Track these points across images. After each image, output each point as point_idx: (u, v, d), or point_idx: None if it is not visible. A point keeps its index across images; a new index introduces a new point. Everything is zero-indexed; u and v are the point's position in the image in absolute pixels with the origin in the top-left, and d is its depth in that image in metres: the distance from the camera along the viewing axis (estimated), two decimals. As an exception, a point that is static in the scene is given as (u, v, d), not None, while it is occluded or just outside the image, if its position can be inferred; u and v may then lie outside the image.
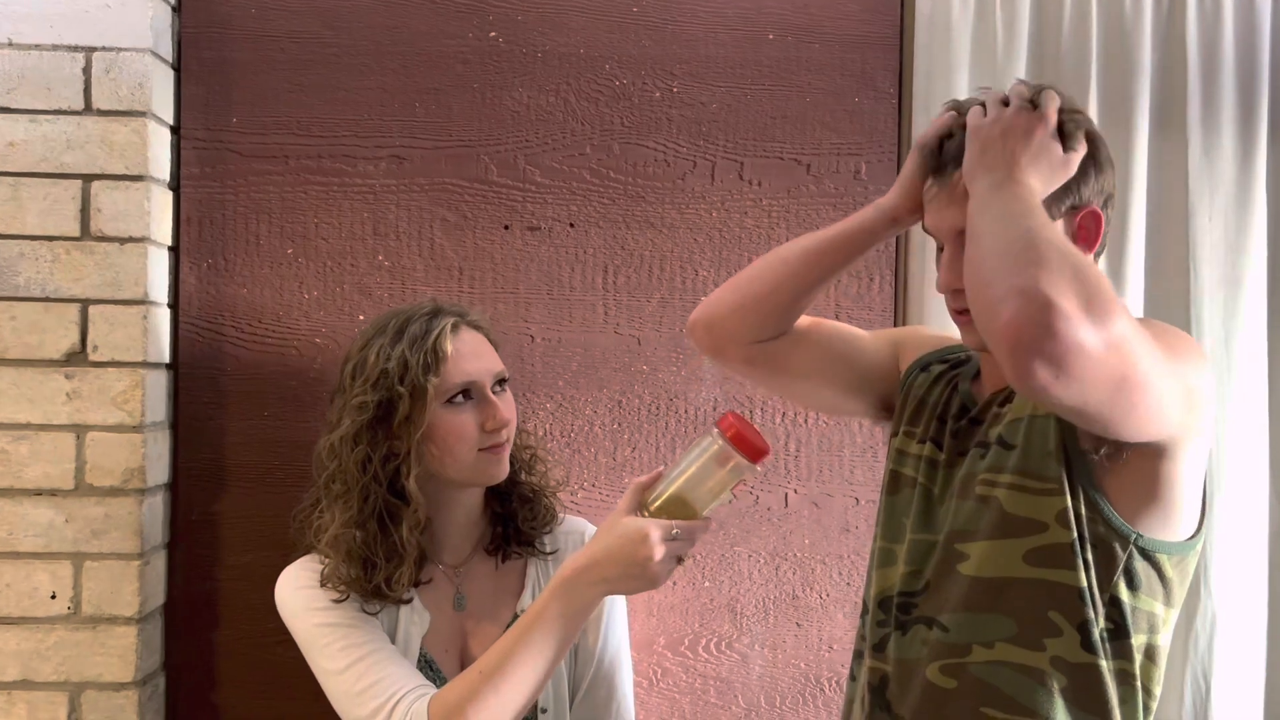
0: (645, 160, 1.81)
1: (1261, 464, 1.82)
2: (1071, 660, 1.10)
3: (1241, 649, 1.81)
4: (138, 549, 1.65)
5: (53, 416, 1.64)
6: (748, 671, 1.82)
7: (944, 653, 1.14)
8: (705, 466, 1.20)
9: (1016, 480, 1.12)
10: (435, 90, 1.79)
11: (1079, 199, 1.14)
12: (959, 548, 1.15)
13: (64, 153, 1.64)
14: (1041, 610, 1.10)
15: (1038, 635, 1.10)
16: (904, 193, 1.22)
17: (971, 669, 1.12)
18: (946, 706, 1.14)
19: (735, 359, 1.37)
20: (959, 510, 1.16)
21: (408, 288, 1.78)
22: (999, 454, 1.14)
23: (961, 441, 1.22)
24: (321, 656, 1.33)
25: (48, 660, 1.64)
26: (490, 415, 1.38)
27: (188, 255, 1.77)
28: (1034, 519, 1.10)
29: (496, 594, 1.45)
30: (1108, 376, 0.94)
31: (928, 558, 1.18)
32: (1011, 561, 1.11)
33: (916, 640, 1.17)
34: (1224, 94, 1.81)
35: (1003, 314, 0.93)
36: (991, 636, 1.12)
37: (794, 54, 1.81)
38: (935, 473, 1.22)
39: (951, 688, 1.13)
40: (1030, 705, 1.10)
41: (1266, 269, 1.83)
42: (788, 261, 1.30)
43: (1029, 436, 1.12)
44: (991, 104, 1.12)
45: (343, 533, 1.36)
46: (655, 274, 1.81)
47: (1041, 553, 1.10)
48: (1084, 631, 1.09)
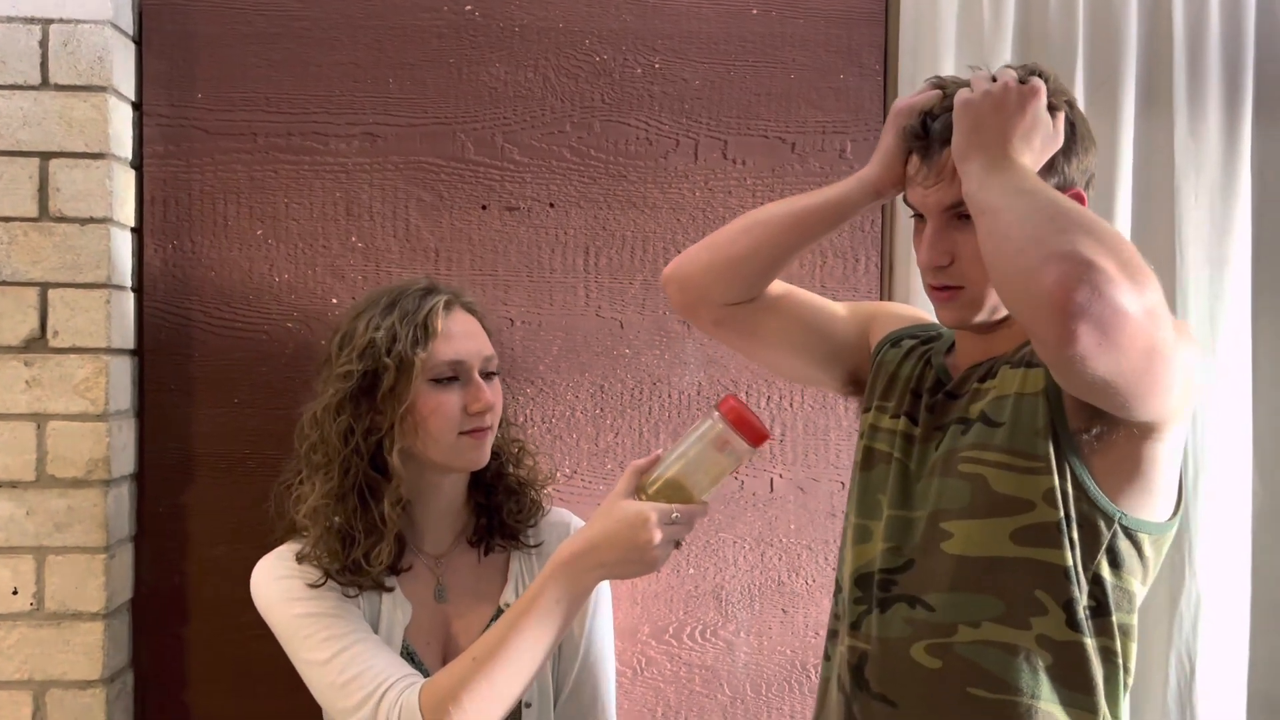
0: (627, 138, 1.76)
1: (1245, 444, 1.82)
2: (1057, 638, 1.10)
3: (1225, 630, 1.81)
4: (103, 542, 1.59)
5: (11, 405, 1.58)
6: (733, 659, 1.79)
7: (929, 632, 1.14)
8: (704, 450, 1.18)
9: (1004, 459, 1.11)
10: (409, 65, 1.73)
11: (1064, 179, 1.14)
12: (944, 526, 1.14)
13: (20, 129, 1.58)
14: (1028, 589, 1.10)
15: (1024, 614, 1.10)
16: (885, 165, 1.21)
17: (958, 649, 1.12)
18: (932, 686, 1.13)
19: (705, 319, 1.37)
20: (942, 488, 1.15)
21: (382, 270, 1.73)
22: (984, 431, 1.13)
23: (938, 416, 1.21)
24: (303, 648, 1.29)
25: (10, 659, 1.59)
26: (475, 397, 1.35)
27: (152, 237, 1.70)
28: (1021, 497, 1.10)
29: (479, 586, 1.43)
30: (1143, 346, 0.95)
31: (908, 535, 1.17)
32: (999, 540, 1.11)
33: (898, 619, 1.16)
34: (1209, 74, 1.80)
35: (1046, 279, 0.92)
36: (978, 616, 1.11)
37: (778, 29, 1.77)
38: (911, 448, 1.21)
39: (937, 668, 1.13)
40: (1016, 684, 1.10)
41: (1251, 248, 1.82)
42: (767, 226, 1.29)
43: (1017, 414, 1.11)
44: (979, 81, 1.11)
45: (322, 504, 1.33)
46: (638, 255, 1.77)
47: (1029, 531, 1.10)
48: (1069, 610, 1.10)
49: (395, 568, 1.36)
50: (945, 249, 1.14)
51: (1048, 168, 1.12)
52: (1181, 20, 1.79)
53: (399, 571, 1.37)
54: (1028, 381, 1.12)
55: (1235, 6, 1.80)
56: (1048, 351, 0.97)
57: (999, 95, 1.08)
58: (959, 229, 1.13)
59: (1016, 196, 1.01)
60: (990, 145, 1.06)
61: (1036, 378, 1.11)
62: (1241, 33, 1.80)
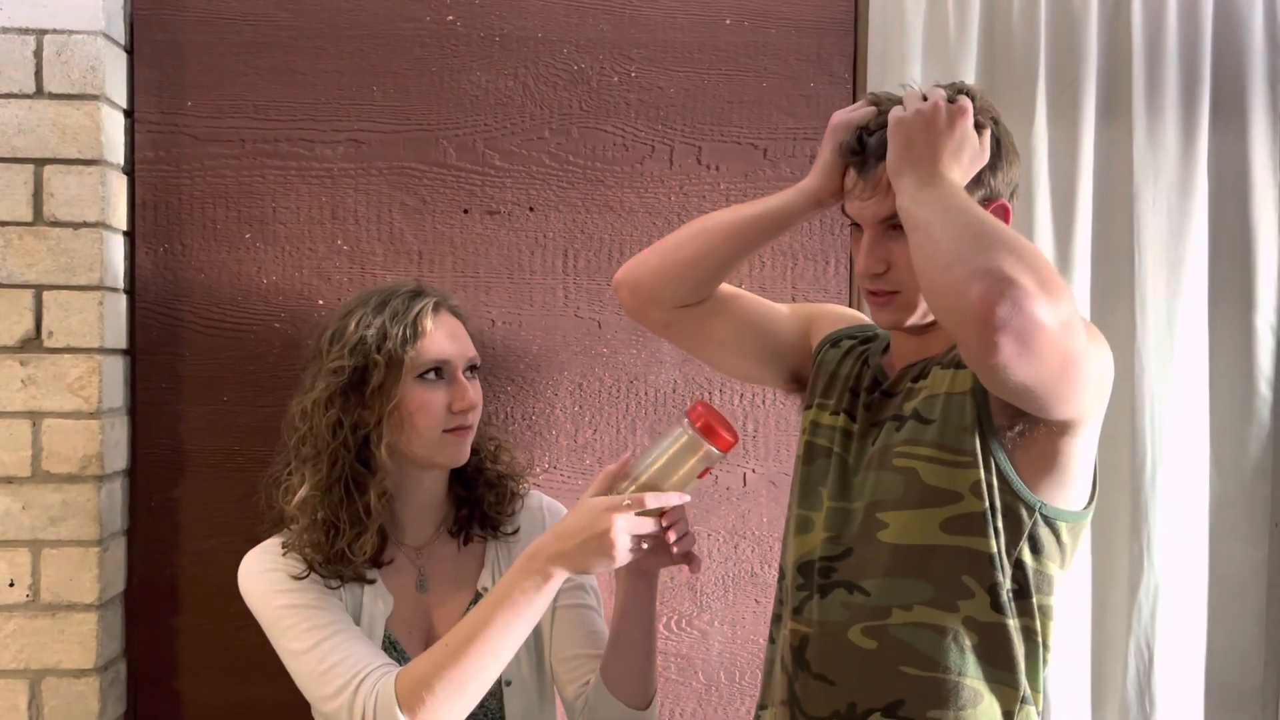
0: (604, 144, 1.82)
1: (1202, 438, 1.88)
2: (982, 620, 1.17)
3: (1183, 620, 1.87)
4: (97, 536, 1.64)
5: (7, 404, 1.63)
6: (708, 648, 1.85)
7: (865, 615, 1.20)
8: (675, 456, 1.24)
9: (934, 453, 1.18)
10: (393, 73, 1.78)
11: (990, 191, 1.21)
12: (879, 516, 1.21)
13: (15, 136, 1.63)
14: (956, 575, 1.17)
15: (952, 598, 1.17)
16: (824, 177, 1.26)
17: (891, 630, 1.19)
18: (868, 666, 1.20)
19: (655, 321, 1.42)
20: (878, 480, 1.22)
21: (367, 272, 1.78)
22: (916, 427, 1.20)
23: (875, 413, 1.27)
24: (285, 638, 1.34)
25: (6, 648, 1.63)
26: (459, 396, 1.40)
27: (144, 240, 1.75)
28: (950, 489, 1.17)
29: (458, 575, 1.47)
30: (1059, 355, 1.02)
31: (847, 525, 1.24)
32: (930, 530, 1.18)
33: (836, 603, 1.23)
34: (1167, 82, 1.85)
35: (971, 293, 0.99)
36: (910, 600, 1.18)
37: (751, 39, 1.83)
38: (850, 443, 1.28)
39: (872, 648, 1.20)
40: (945, 662, 1.17)
41: (1207, 251, 1.88)
42: (713, 233, 1.34)
43: (946, 412, 1.18)
44: (911, 99, 1.17)
45: (310, 495, 1.38)
46: (615, 257, 1.82)
47: (957, 521, 1.17)
48: (993, 593, 1.17)
49: (377, 561, 1.41)
50: (881, 257, 1.20)
51: (975, 181, 1.18)
52: (1140, 30, 1.84)
53: (381, 564, 1.42)
54: (956, 382, 1.19)
55: (1192, 17, 1.85)
56: (973, 359, 1.03)
57: (929, 114, 1.14)
58: (894, 239, 1.19)
59: (944, 213, 1.07)
60: (922, 161, 1.12)
61: (964, 378, 1.18)
62: (1199, 42, 1.85)
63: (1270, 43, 1.87)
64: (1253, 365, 1.89)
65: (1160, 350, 1.86)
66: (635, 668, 1.40)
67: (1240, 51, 1.87)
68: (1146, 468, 1.85)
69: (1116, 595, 1.88)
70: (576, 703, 1.44)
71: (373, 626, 1.40)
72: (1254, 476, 1.90)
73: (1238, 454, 1.91)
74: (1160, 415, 1.86)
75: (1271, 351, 1.89)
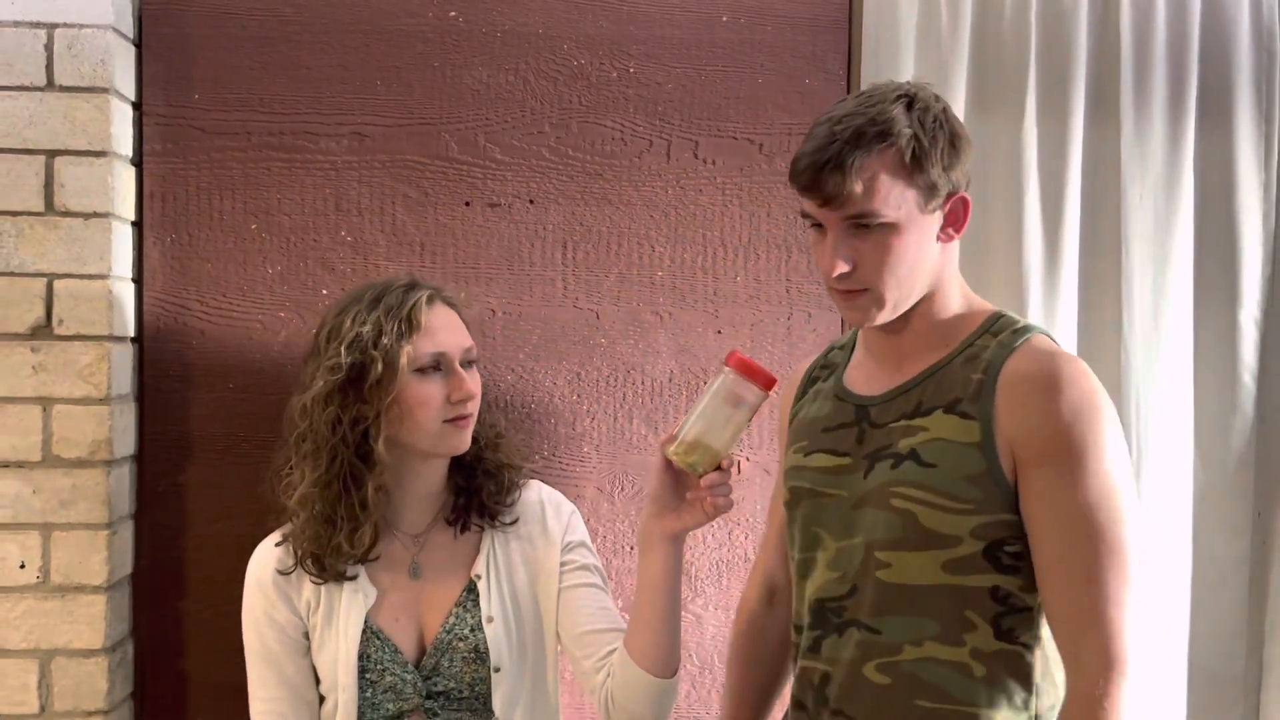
0: (603, 139, 1.86)
1: (1187, 429, 1.92)
2: (988, 650, 1.20)
3: (1167, 606, 1.91)
4: (105, 519, 1.68)
5: (19, 389, 1.66)
6: (702, 632, 1.89)
7: (878, 653, 1.23)
8: (720, 406, 1.29)
9: (933, 498, 1.20)
10: (396, 68, 1.82)
11: (951, 186, 1.22)
12: (879, 555, 1.23)
13: (26, 128, 1.66)
14: (959, 610, 1.20)
15: (958, 632, 1.20)
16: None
17: (904, 665, 1.22)
18: (884, 700, 1.23)
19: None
20: (875, 519, 1.23)
21: (370, 263, 1.82)
22: (915, 470, 1.21)
23: (865, 446, 1.27)
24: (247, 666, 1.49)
25: (17, 629, 1.67)
26: (456, 387, 1.42)
27: (151, 230, 1.79)
28: (951, 534, 1.19)
29: (452, 562, 1.50)
30: None
31: (850, 562, 1.26)
32: (930, 570, 1.21)
33: (851, 642, 1.26)
34: (1155, 80, 1.90)
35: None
36: (919, 636, 1.21)
37: (747, 36, 1.87)
38: (839, 478, 1.29)
39: (887, 684, 1.23)
40: (957, 694, 1.20)
41: (1193, 246, 1.92)
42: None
43: (948, 460, 1.20)
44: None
45: (310, 491, 1.41)
46: (613, 250, 1.86)
47: (957, 562, 1.20)
48: (996, 625, 1.20)
49: (365, 558, 1.44)
50: (847, 256, 1.20)
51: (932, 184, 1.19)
52: (1129, 31, 1.89)
53: (368, 561, 1.45)
54: (964, 431, 1.20)
55: (1180, 19, 1.90)
56: None
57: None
58: (858, 236, 1.20)
59: None
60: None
61: (972, 430, 1.19)
62: (1187, 43, 1.90)
63: (1256, 44, 1.92)
64: (1236, 358, 1.94)
65: (1146, 343, 1.91)
66: (662, 636, 1.40)
67: (1227, 53, 1.91)
68: (1132, 457, 1.89)
69: (1101, 582, 1.91)
70: (598, 677, 1.45)
71: (348, 621, 1.43)
72: (1237, 467, 1.95)
73: (1221, 445, 1.95)
74: (1146, 406, 1.91)
75: (1255, 345, 1.94)
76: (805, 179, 1.21)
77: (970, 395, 1.21)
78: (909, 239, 1.20)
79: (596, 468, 1.87)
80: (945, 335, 1.27)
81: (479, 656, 1.44)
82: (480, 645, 1.44)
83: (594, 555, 1.55)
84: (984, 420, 1.19)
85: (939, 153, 1.19)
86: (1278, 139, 1.93)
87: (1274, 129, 1.92)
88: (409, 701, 1.43)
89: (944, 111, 1.23)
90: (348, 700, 1.42)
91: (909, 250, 1.20)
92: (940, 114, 1.22)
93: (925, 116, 1.20)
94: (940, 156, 1.19)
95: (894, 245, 1.20)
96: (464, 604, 1.46)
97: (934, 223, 1.22)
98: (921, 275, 1.23)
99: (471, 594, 1.47)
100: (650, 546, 1.39)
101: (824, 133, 1.20)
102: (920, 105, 1.21)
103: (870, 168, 1.18)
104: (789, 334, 1.89)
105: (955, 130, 1.22)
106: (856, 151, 1.17)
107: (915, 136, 1.18)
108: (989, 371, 1.21)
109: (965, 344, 1.25)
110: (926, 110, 1.21)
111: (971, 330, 1.26)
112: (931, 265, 1.24)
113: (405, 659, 1.44)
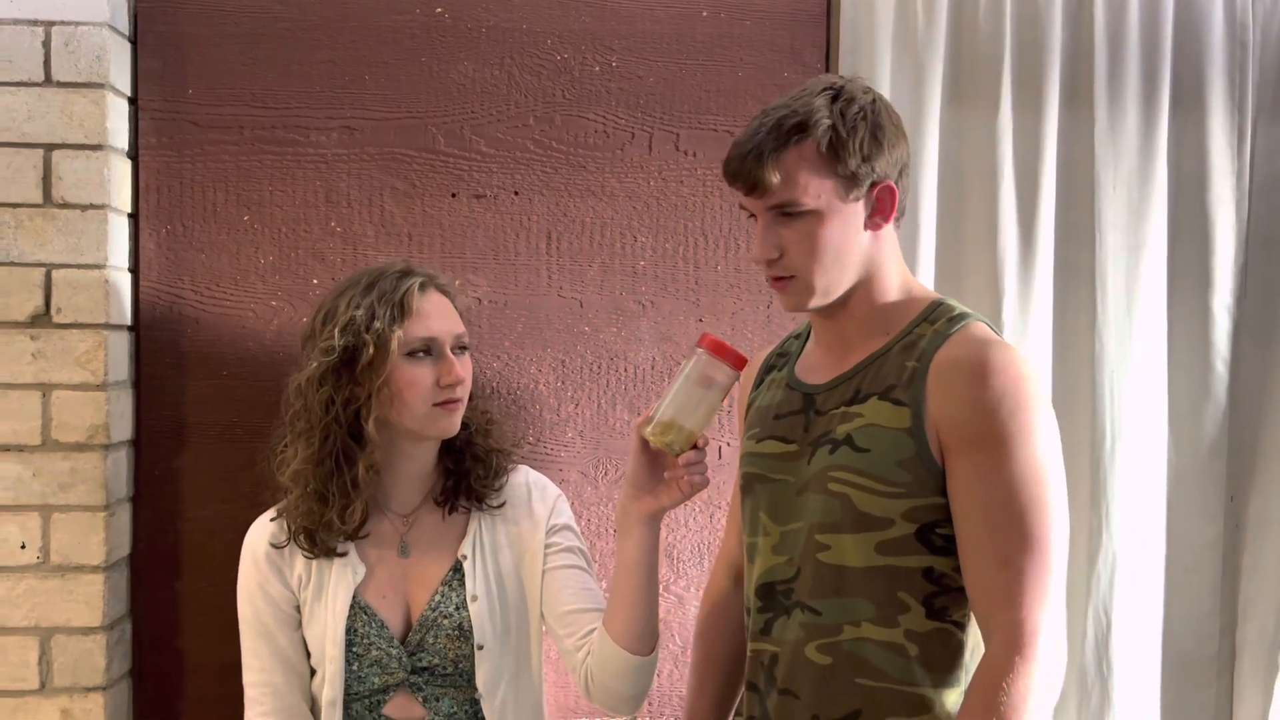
0: (586, 131, 1.90)
1: (1161, 414, 1.95)
2: (921, 630, 1.24)
3: (1141, 589, 1.94)
4: (103, 501, 1.73)
5: (19, 376, 1.72)
6: (684, 612, 1.94)
7: (819, 633, 1.27)
8: (693, 387, 1.33)
9: (867, 482, 1.23)
10: (384, 63, 1.86)
11: (875, 175, 1.25)
12: (819, 538, 1.27)
13: (25, 123, 1.71)
14: (892, 592, 1.24)
15: (892, 613, 1.24)
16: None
17: (843, 646, 1.26)
18: (826, 681, 1.27)
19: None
20: (816, 503, 1.27)
21: (359, 253, 1.87)
22: (849, 454, 1.25)
23: (811, 433, 1.31)
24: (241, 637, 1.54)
25: (18, 607, 1.72)
26: (446, 371, 1.47)
27: (147, 222, 1.84)
28: (883, 516, 1.23)
29: (440, 542, 1.54)
30: None
31: (795, 546, 1.30)
32: (865, 553, 1.24)
33: (795, 623, 1.30)
34: (1129, 71, 1.92)
35: None
36: (856, 617, 1.25)
37: (726, 30, 1.91)
38: (785, 464, 1.32)
39: (828, 664, 1.26)
40: (894, 674, 1.24)
41: (1167, 235, 1.95)
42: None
43: (881, 444, 1.24)
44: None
45: (303, 468, 1.46)
46: (596, 240, 1.91)
47: (890, 544, 1.23)
48: (929, 604, 1.24)
49: (355, 534, 1.49)
50: (773, 243, 1.25)
51: (852, 175, 1.23)
52: (1103, 23, 1.91)
53: (357, 538, 1.50)
54: (896, 418, 1.23)
55: (1154, 10, 1.92)
56: None
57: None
58: (784, 224, 1.25)
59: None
60: None
61: (903, 416, 1.23)
62: (1160, 35, 1.93)
63: (1230, 36, 1.94)
64: (1210, 346, 1.96)
65: (1120, 330, 1.94)
66: (640, 614, 1.44)
67: (1200, 43, 1.94)
68: (1106, 442, 1.93)
69: (1076, 565, 1.94)
70: (579, 655, 1.49)
71: (337, 596, 1.48)
72: (1210, 452, 1.98)
73: (1195, 430, 1.98)
74: (1119, 392, 1.93)
75: (1228, 332, 1.97)
76: (730, 169, 1.26)
77: (904, 382, 1.24)
78: (832, 227, 1.24)
79: (580, 453, 1.92)
80: (886, 322, 1.30)
81: (463, 634, 1.49)
82: (464, 623, 1.49)
83: (578, 538, 1.59)
84: (914, 406, 1.22)
85: (857, 143, 1.22)
86: (1250, 128, 1.95)
87: (1246, 119, 1.95)
88: (394, 676, 1.48)
89: (872, 103, 1.26)
90: (335, 673, 1.47)
91: (832, 238, 1.24)
92: (867, 105, 1.25)
93: (848, 108, 1.23)
94: (859, 147, 1.22)
95: (817, 233, 1.23)
96: (450, 583, 1.51)
97: (858, 211, 1.25)
98: (850, 262, 1.26)
99: (457, 573, 1.51)
100: (629, 527, 1.43)
101: (754, 126, 1.25)
102: (845, 97, 1.24)
103: (788, 158, 1.22)
104: (769, 323, 1.93)
105: (879, 122, 1.25)
106: (774, 142, 1.22)
107: (833, 127, 1.22)
108: (922, 359, 1.24)
109: (904, 332, 1.28)
110: (851, 102, 1.24)
111: (912, 318, 1.29)
112: (862, 253, 1.27)
113: (392, 634, 1.48)
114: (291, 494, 1.48)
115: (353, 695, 1.48)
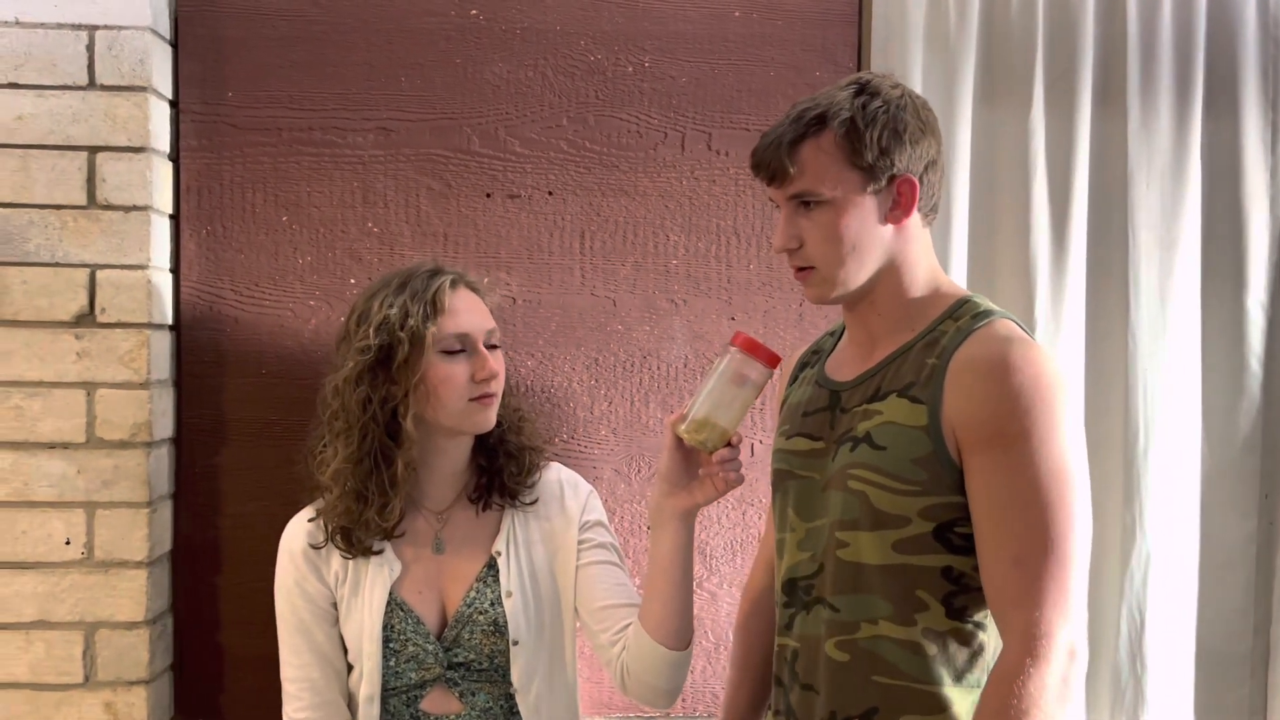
0: (619, 131, 1.91)
1: (1194, 412, 1.95)
2: (940, 630, 1.24)
3: (1174, 586, 1.94)
4: (146, 498, 1.76)
5: (64, 375, 1.75)
6: (717, 609, 1.95)
7: (837, 630, 1.28)
8: (726, 385, 1.35)
9: (884, 480, 1.23)
10: (419, 65, 1.89)
11: (894, 169, 1.25)
12: (839, 535, 1.27)
13: (70, 126, 1.74)
14: (910, 590, 1.24)
15: (910, 612, 1.24)
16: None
17: (860, 643, 1.26)
18: (844, 677, 1.27)
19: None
20: (837, 500, 1.28)
21: (395, 253, 1.89)
22: (868, 452, 1.25)
23: (837, 430, 1.31)
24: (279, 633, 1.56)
25: (63, 602, 1.75)
26: (480, 366, 1.48)
27: (188, 223, 1.87)
28: (900, 515, 1.23)
29: (474, 539, 1.56)
30: None
31: (818, 542, 1.31)
32: (882, 551, 1.24)
33: (816, 619, 1.30)
34: (1161, 69, 1.92)
35: None
36: (875, 614, 1.25)
37: (758, 30, 1.92)
38: (812, 461, 1.33)
39: (846, 660, 1.27)
40: (912, 672, 1.24)
41: (1200, 234, 1.95)
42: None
43: (898, 442, 1.24)
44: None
45: (342, 467, 1.48)
46: (629, 239, 1.92)
47: (907, 542, 1.23)
48: (948, 604, 1.23)
49: (390, 533, 1.51)
50: (793, 234, 1.27)
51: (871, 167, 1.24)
52: (1135, 20, 1.91)
53: (393, 537, 1.52)
54: (912, 415, 1.24)
55: (1187, 8, 1.92)
56: None
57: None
58: (804, 215, 1.26)
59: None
60: None
61: (919, 414, 1.23)
62: (1193, 32, 1.92)
63: (1263, 32, 1.94)
64: (1244, 344, 1.96)
65: (1153, 328, 1.93)
66: (675, 610, 1.45)
67: (1233, 41, 1.93)
68: (1140, 441, 1.93)
69: (1110, 563, 1.95)
70: (614, 650, 1.51)
71: (373, 593, 1.50)
72: (1244, 450, 1.97)
73: (1228, 428, 1.97)
74: (1153, 390, 1.93)
75: (1262, 330, 1.96)
76: (754, 159, 1.29)
77: (923, 380, 1.24)
78: (850, 218, 1.25)
79: (614, 450, 1.93)
80: (912, 317, 1.30)
81: (498, 630, 1.50)
82: (499, 619, 1.50)
83: (611, 534, 1.60)
84: (932, 404, 1.22)
85: (874, 136, 1.23)
86: (1284, 125, 1.95)
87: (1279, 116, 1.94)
88: (430, 671, 1.50)
89: (901, 98, 1.26)
90: (372, 669, 1.49)
91: (850, 229, 1.25)
92: (892, 100, 1.25)
93: (870, 102, 1.24)
94: (876, 140, 1.23)
95: (834, 224, 1.25)
96: (484, 579, 1.52)
97: (877, 204, 1.26)
98: (868, 254, 1.27)
99: (492, 570, 1.53)
100: (662, 524, 1.45)
101: (781, 119, 1.28)
102: (870, 91, 1.26)
103: (807, 148, 1.24)
104: (801, 320, 1.94)
105: (901, 116, 1.25)
106: (794, 133, 1.25)
107: (850, 119, 1.23)
108: (942, 357, 1.24)
109: (928, 329, 1.28)
110: (875, 95, 1.25)
111: (937, 315, 1.29)
112: (882, 245, 1.27)
113: (428, 630, 1.50)
114: (331, 493, 1.50)
115: (390, 690, 1.50)
